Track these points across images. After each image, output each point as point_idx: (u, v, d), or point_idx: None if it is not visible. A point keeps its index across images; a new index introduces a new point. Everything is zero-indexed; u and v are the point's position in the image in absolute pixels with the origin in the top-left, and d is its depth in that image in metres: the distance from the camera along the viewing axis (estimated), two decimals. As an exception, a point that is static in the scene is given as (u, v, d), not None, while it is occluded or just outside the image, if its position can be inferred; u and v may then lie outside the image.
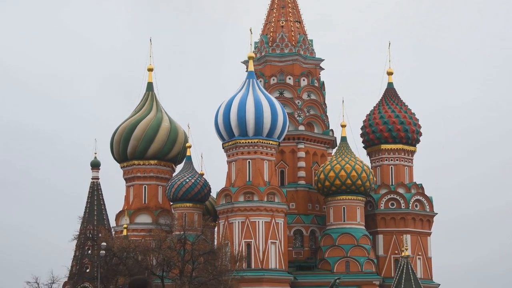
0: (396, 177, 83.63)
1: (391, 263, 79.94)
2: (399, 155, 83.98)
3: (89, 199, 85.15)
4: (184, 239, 63.70)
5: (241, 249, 72.54)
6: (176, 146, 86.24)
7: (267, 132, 75.69)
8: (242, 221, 74.51)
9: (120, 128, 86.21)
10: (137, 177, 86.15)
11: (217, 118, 76.93)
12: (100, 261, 55.18)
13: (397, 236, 79.67)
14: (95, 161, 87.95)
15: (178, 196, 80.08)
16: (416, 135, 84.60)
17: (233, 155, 76.86)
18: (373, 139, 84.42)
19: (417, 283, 72.24)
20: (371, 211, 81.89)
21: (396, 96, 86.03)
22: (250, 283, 69.70)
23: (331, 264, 77.06)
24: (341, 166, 78.59)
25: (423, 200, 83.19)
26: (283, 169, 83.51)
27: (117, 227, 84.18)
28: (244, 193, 75.43)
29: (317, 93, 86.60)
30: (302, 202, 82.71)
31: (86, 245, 75.01)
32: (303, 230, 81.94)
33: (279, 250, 74.63)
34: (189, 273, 61.45)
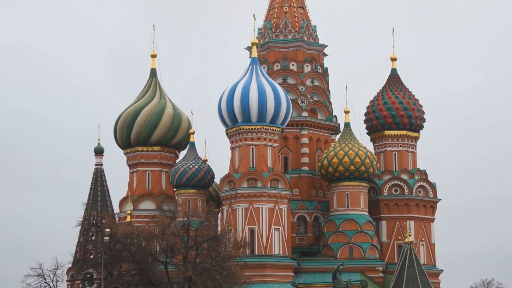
0: (399, 163, 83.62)
1: (395, 249, 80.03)
2: (403, 141, 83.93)
3: (92, 185, 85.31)
4: (187, 225, 63.77)
5: (244, 235, 72.65)
6: (179, 133, 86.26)
7: (270, 118, 75.65)
8: (245, 207, 74.60)
9: (124, 114, 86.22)
10: (140, 163, 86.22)
11: (221, 104, 76.90)
12: (104, 247, 55.25)
13: (400, 222, 79.70)
14: (99, 147, 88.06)
15: (181, 182, 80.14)
16: (420, 121, 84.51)
17: (237, 141, 76.86)
18: (377, 125, 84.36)
19: (420, 269, 72.23)
20: (374, 197, 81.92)
21: (399, 82, 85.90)
22: (253, 269, 69.83)
23: (334, 250, 77.16)
24: (345, 152, 78.56)
25: (427, 186, 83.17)
26: (286, 155, 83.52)
27: (120, 213, 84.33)
28: (248, 179, 75.47)
29: (321, 79, 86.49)
30: (305, 188, 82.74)
31: (90, 231, 75.16)
32: (306, 216, 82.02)
33: (283, 236, 74.73)
34: (193, 259, 61.54)
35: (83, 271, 71.40)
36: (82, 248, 76.73)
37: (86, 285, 70.06)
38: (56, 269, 60.60)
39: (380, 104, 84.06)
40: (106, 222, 67.76)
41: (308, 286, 73.98)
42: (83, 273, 71.30)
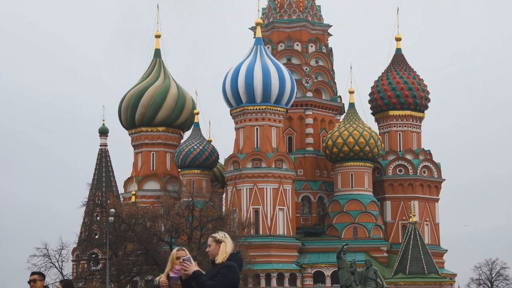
0: (404, 143, 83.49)
1: (399, 229, 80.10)
2: (407, 121, 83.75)
3: (97, 166, 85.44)
4: (192, 206, 63.85)
5: (249, 216, 72.77)
6: (184, 113, 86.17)
7: (275, 98, 75.53)
8: (250, 187, 74.66)
9: (128, 95, 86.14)
10: (145, 144, 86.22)
11: (225, 84, 76.77)
12: (108, 227, 55.26)
13: (404, 202, 79.70)
14: (103, 128, 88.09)
15: (186, 162, 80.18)
16: (424, 101, 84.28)
17: (241, 121, 76.80)
18: (381, 105, 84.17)
19: (424, 249, 72.39)
20: (379, 177, 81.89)
21: (404, 62, 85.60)
22: (258, 249, 69.99)
23: (339, 230, 77.25)
24: (349, 132, 78.48)
25: (431, 166, 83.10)
26: (291, 136, 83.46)
27: (125, 193, 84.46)
28: (252, 159, 75.50)
29: (325, 59, 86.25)
30: (310, 168, 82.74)
31: (95, 212, 75.31)
32: (311, 196, 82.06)
33: (287, 217, 74.84)
34: (198, 239, 61.67)
35: (88, 251, 71.59)
36: (87, 228, 76.94)
37: (91, 265, 70.26)
38: (62, 249, 60.83)
39: (384, 84, 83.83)
40: (111, 202, 67.86)
41: (313, 266, 74.18)
42: (88, 253, 71.49)
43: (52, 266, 60.10)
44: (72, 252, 73.30)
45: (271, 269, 72.67)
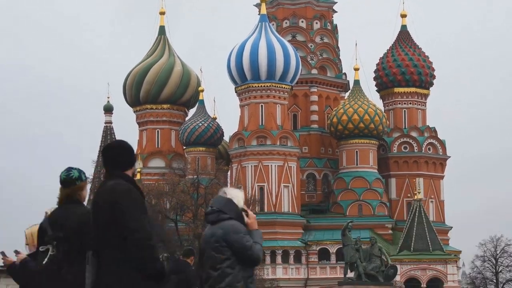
0: (409, 121, 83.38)
1: (404, 206, 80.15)
2: (412, 98, 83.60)
3: (102, 143, 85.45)
4: (197, 183, 63.89)
5: (254, 193, 72.87)
6: (188, 90, 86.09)
7: (279, 75, 75.40)
8: (255, 165, 74.71)
9: (133, 72, 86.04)
10: (150, 121, 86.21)
11: (230, 62, 76.62)
12: (114, 205, 55.34)
13: (409, 180, 79.71)
14: (108, 105, 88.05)
15: (191, 140, 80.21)
16: (430, 78, 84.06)
17: (246, 99, 76.72)
18: (386, 82, 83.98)
19: (429, 226, 72.50)
20: (384, 154, 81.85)
21: (409, 39, 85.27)
22: (263, 226, 69.59)
23: (343, 208, 77.35)
24: (354, 109, 78.35)
25: (436, 144, 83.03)
26: (295, 113, 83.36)
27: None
28: (257, 137, 75.51)
29: (330, 36, 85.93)
30: (314, 146, 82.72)
31: (100, 189, 75.33)
32: (315, 173, 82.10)
33: (292, 194, 74.94)
34: (203, 216, 61.69)
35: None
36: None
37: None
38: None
39: (389, 61, 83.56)
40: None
41: (317, 243, 74.35)
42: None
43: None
44: (78, 229, 73.41)
45: (276, 246, 72.85)
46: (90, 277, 6.11)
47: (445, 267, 71.64)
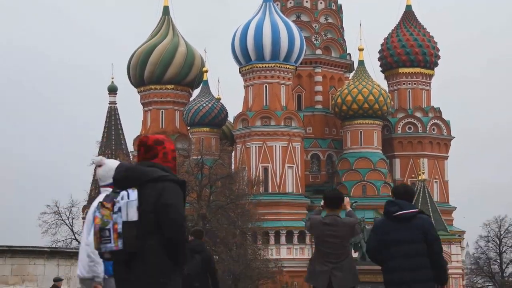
0: (413, 101, 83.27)
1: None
2: (417, 78, 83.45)
3: (106, 124, 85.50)
4: (201, 164, 63.95)
5: (258, 174, 72.93)
6: (192, 71, 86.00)
7: (284, 56, 75.27)
8: (259, 145, 74.75)
9: (137, 52, 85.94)
10: (154, 102, 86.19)
11: (234, 42, 76.48)
12: (118, 185, 55.38)
13: (414, 160, 79.73)
14: (112, 86, 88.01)
15: (195, 120, 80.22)
16: (434, 58, 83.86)
17: (250, 79, 76.65)
18: (391, 62, 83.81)
19: (433, 207, 72.56)
20: (388, 135, 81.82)
21: (414, 19, 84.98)
22: (267, 207, 70.24)
23: (347, 188, 77.37)
24: (359, 90, 78.25)
25: (441, 124, 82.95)
26: (300, 94, 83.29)
27: (134, 151, 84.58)
28: (261, 117, 75.48)
29: (335, 16, 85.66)
30: (319, 126, 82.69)
31: (105, 170, 75.39)
32: (320, 154, 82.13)
33: (296, 174, 75.00)
34: (207, 197, 61.84)
35: (98, 209, 71.86)
36: (97, 186, 77.16)
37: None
38: (72, 206, 61.13)
39: (394, 41, 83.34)
40: (121, 160, 67.94)
41: (322, 224, 74.36)
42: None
43: (63, 223, 60.41)
44: (83, 210, 73.49)
45: (280, 226, 72.99)
46: None
47: (449, 248, 71.73)
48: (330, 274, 9.90)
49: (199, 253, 13.16)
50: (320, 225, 10.26)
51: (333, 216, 10.33)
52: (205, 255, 13.18)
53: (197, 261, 12.94)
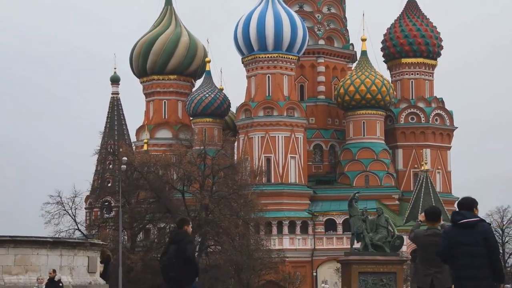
0: (416, 91, 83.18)
1: (411, 177, 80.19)
2: (420, 69, 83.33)
3: (109, 114, 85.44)
4: (204, 154, 63.94)
5: (260, 164, 72.93)
6: (195, 61, 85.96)
7: (286, 46, 75.18)
8: (261, 136, 74.74)
9: (139, 43, 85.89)
10: (156, 92, 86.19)
11: (236, 32, 76.38)
12: (121, 175, 55.40)
13: (416, 150, 79.71)
14: (115, 76, 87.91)
15: (197, 111, 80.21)
16: (437, 49, 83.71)
17: (253, 69, 76.58)
18: (394, 53, 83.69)
19: (436, 197, 72.62)
20: (391, 125, 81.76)
21: (417, 9, 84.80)
22: (269, 197, 70.26)
23: (350, 179, 77.41)
24: (361, 80, 78.16)
25: (443, 114, 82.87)
26: (302, 84, 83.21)
27: (137, 142, 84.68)
28: (264, 108, 75.45)
29: (337, 6, 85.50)
30: (321, 116, 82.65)
31: (107, 160, 75.47)
32: (322, 144, 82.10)
33: (299, 165, 75.00)
34: (209, 187, 61.86)
35: (101, 199, 71.95)
36: (99, 176, 77.25)
37: (104, 212, 70.70)
38: (75, 197, 61.01)
39: (397, 32, 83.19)
40: (123, 150, 67.97)
41: (324, 214, 74.52)
42: (101, 201, 71.87)
43: (66, 213, 60.42)
44: (85, 200, 73.72)
45: (283, 217, 73.07)
46: None
47: (451, 238, 71.78)
48: (433, 276, 12.26)
49: (176, 243, 13.34)
50: (423, 236, 12.31)
51: (433, 229, 12.19)
52: (181, 244, 13.29)
53: (172, 251, 13.20)
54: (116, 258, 42.79)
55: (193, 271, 13.35)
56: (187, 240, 13.41)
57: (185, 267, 13.22)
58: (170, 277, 13.27)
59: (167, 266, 13.26)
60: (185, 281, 13.29)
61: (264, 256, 59.63)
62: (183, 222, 13.82)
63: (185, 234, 13.50)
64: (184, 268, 13.21)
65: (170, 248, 13.36)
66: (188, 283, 13.32)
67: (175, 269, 13.17)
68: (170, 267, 13.22)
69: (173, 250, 13.23)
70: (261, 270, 59.28)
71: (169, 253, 13.26)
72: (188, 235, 13.68)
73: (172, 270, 13.20)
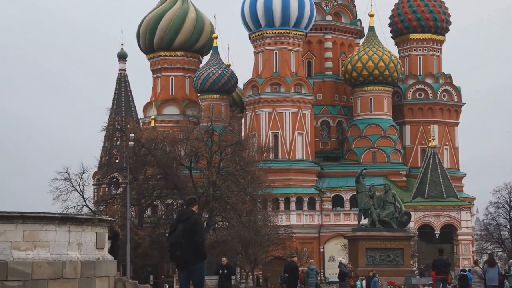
0: (424, 67, 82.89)
1: (418, 153, 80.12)
2: (428, 44, 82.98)
3: (116, 91, 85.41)
4: (211, 130, 64.00)
5: (268, 140, 72.96)
6: (202, 37, 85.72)
7: (294, 22, 74.90)
8: (269, 112, 74.68)
9: (146, 19, 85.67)
10: (164, 69, 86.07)
11: (244, 8, 76.12)
12: (128, 152, 55.45)
13: (424, 127, 79.57)
14: (122, 53, 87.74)
15: (205, 87, 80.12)
16: (445, 24, 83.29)
17: (260, 46, 76.38)
18: (402, 28, 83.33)
19: (443, 173, 72.58)
20: (398, 101, 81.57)
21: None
22: (277, 173, 70.35)
23: (357, 155, 77.38)
24: (369, 56, 77.89)
25: (451, 90, 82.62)
26: (310, 60, 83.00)
27: (144, 118, 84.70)
28: (271, 84, 75.34)
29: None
30: (329, 93, 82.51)
31: (115, 136, 75.53)
32: (330, 121, 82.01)
33: (306, 141, 75.00)
34: (217, 163, 61.98)
35: (109, 175, 72.10)
36: (107, 153, 77.32)
37: (112, 189, 70.88)
38: (82, 173, 61.09)
39: (405, 7, 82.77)
40: (131, 127, 67.99)
41: (331, 190, 74.58)
42: (109, 177, 72.03)
43: (74, 189, 60.55)
44: (93, 176, 73.89)
45: (290, 193, 73.15)
46: None
47: (458, 214, 71.91)
48: None
49: (182, 222, 13.42)
50: None
51: None
52: (188, 223, 13.38)
53: (179, 230, 13.31)
54: (124, 234, 42.96)
55: (201, 255, 13.50)
56: (196, 222, 13.52)
57: (192, 248, 13.35)
58: (177, 256, 13.44)
59: (174, 245, 13.40)
60: (191, 261, 13.46)
61: (271, 232, 59.81)
62: (193, 202, 13.90)
63: (191, 213, 13.57)
64: (191, 249, 13.35)
65: (178, 227, 13.44)
66: (194, 263, 13.47)
67: (182, 248, 13.32)
68: (177, 246, 13.37)
69: (181, 229, 13.34)
70: (268, 246, 59.49)
71: (177, 231, 13.37)
72: (195, 214, 13.76)
73: (179, 249, 13.36)
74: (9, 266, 17.86)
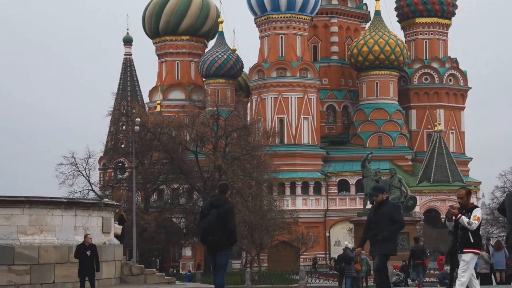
0: (430, 51, 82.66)
1: (424, 137, 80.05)
2: (434, 28, 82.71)
3: (122, 76, 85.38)
4: (217, 115, 63.95)
5: (273, 125, 72.92)
6: (208, 21, 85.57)
7: (299, 6, 74.71)
8: (274, 96, 74.62)
9: (152, 3, 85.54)
10: (169, 53, 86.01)
11: (249, -8, 75.88)
12: (134, 136, 55.45)
13: (430, 111, 79.45)
14: (127, 37, 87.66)
15: (210, 72, 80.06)
16: (452, 8, 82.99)
17: (266, 30, 76.22)
18: (408, 12, 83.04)
19: (449, 157, 72.54)
20: (404, 86, 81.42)
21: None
22: (283, 158, 70.36)
23: (363, 139, 77.34)
24: (375, 40, 77.69)
25: (457, 74, 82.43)
26: (315, 44, 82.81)
27: (150, 103, 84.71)
28: (277, 68, 75.23)
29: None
30: (335, 77, 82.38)
31: (121, 121, 75.54)
32: (335, 105, 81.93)
33: (312, 126, 74.96)
34: (223, 148, 61.97)
35: (115, 160, 72.18)
36: (113, 137, 77.35)
37: (118, 173, 70.96)
38: (88, 158, 61.14)
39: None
40: (136, 111, 67.97)
41: (337, 175, 74.60)
42: (115, 162, 72.11)
43: (80, 174, 60.64)
44: (99, 161, 73.94)
45: (296, 177, 73.20)
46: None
47: (464, 198, 71.73)
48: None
49: (216, 207, 13.65)
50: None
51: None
52: (222, 209, 13.64)
53: (213, 215, 13.56)
54: (130, 219, 43.02)
55: (231, 241, 13.94)
56: (230, 209, 13.88)
57: (223, 234, 13.72)
58: (209, 241, 13.77)
59: (206, 229, 13.70)
60: (222, 246, 13.85)
61: (277, 217, 59.78)
62: (226, 188, 14.12)
63: (225, 201, 13.80)
64: (223, 235, 13.72)
65: (211, 212, 13.68)
66: (224, 248, 13.89)
67: (214, 233, 13.65)
68: (209, 230, 13.66)
69: (214, 215, 13.60)
70: (274, 231, 59.48)
71: (211, 216, 13.61)
72: (229, 202, 14.03)
73: (211, 234, 13.68)
74: (15, 250, 17.97)
